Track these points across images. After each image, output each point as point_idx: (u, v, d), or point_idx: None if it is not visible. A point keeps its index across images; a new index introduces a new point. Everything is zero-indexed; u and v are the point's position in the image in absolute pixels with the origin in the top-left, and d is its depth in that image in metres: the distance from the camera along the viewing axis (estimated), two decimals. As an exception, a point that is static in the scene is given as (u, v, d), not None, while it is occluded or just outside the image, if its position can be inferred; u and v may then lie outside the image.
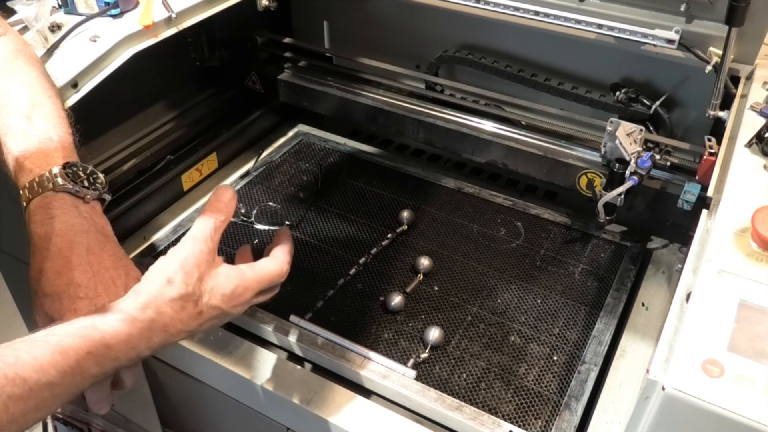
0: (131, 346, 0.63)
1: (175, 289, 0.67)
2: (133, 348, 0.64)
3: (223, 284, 0.71)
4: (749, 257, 0.67)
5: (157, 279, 0.68)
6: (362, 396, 0.88)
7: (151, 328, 0.65)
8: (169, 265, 0.69)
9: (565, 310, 1.00)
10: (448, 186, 1.25)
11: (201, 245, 0.71)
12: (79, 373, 0.59)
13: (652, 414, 0.58)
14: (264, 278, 0.76)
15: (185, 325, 0.68)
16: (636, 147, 1.01)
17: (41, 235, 0.71)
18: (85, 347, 0.60)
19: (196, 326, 0.70)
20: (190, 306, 0.69)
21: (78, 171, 0.75)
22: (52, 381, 0.56)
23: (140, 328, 0.64)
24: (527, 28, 1.10)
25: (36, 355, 0.56)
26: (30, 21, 0.96)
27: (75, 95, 0.91)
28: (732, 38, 0.91)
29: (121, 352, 0.62)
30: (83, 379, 0.59)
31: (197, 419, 1.08)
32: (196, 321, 0.69)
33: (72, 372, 0.58)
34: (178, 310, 0.68)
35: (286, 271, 0.78)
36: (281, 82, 1.34)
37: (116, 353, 0.62)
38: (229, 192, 0.76)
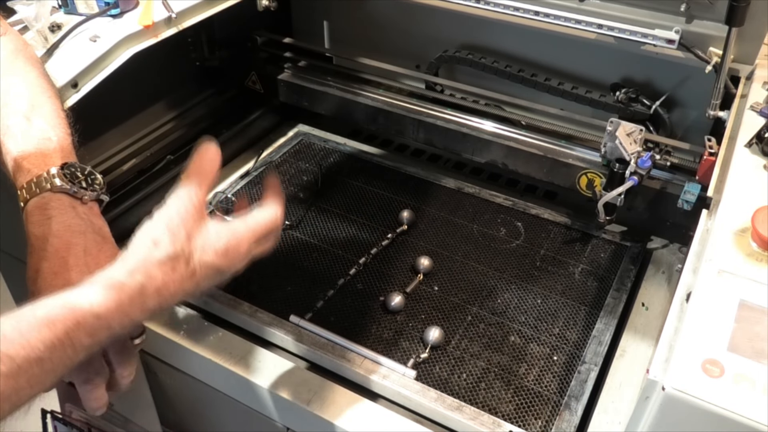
0: (123, 313, 0.61)
1: (163, 250, 0.65)
2: (126, 315, 0.61)
3: (213, 240, 0.68)
4: (749, 257, 0.67)
5: (142, 242, 0.65)
6: (362, 396, 0.88)
7: (142, 293, 0.63)
8: (154, 226, 0.66)
9: (565, 310, 1.00)
10: (448, 186, 1.25)
11: (186, 203, 0.68)
12: (70, 346, 0.57)
13: (652, 414, 0.58)
14: (257, 228, 0.72)
15: (179, 286, 0.65)
16: (636, 147, 1.01)
17: (38, 236, 0.70)
18: (73, 318, 0.58)
19: (191, 286, 0.66)
20: (181, 266, 0.65)
21: (76, 172, 0.75)
22: (41, 356, 0.55)
23: (130, 294, 0.62)
24: (527, 28, 1.10)
25: (22, 330, 0.55)
26: (30, 21, 0.96)
27: (75, 95, 0.91)
28: (732, 38, 0.91)
29: (113, 320, 0.60)
30: (75, 352, 0.58)
31: (197, 419, 1.08)
32: (191, 281, 0.66)
33: (62, 345, 0.56)
34: (168, 272, 0.65)
35: (280, 217, 0.75)
36: (281, 82, 1.34)
37: (108, 321, 0.60)
38: (212, 148, 0.73)
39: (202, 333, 0.96)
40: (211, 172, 0.72)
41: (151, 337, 0.95)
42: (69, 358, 0.57)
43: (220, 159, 0.73)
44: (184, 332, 0.96)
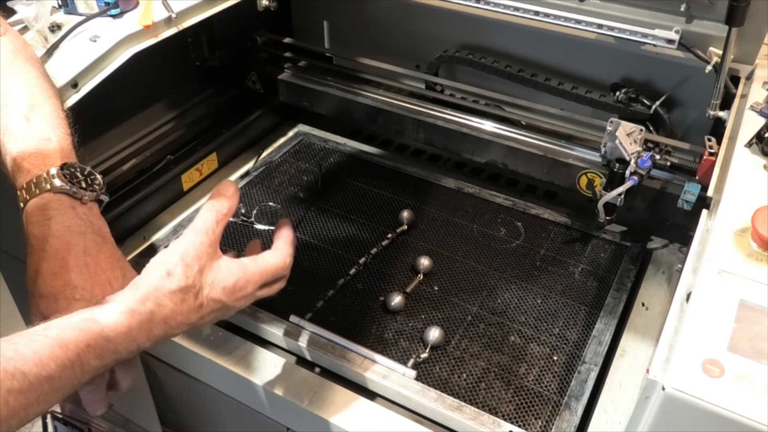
0: (131, 338, 0.63)
1: (175, 281, 0.67)
2: (133, 340, 0.64)
3: (224, 277, 0.71)
4: (749, 257, 0.67)
5: (156, 271, 0.67)
6: (362, 396, 0.88)
7: (151, 321, 0.65)
8: (170, 257, 0.68)
9: (565, 310, 1.00)
10: (448, 186, 1.25)
11: (202, 237, 0.70)
12: (80, 366, 0.59)
13: (652, 414, 0.58)
14: (266, 270, 0.75)
15: (186, 317, 0.68)
16: (636, 147, 1.01)
17: (38, 236, 0.70)
18: (85, 340, 0.59)
19: (197, 319, 0.69)
20: (190, 298, 0.68)
21: (76, 172, 0.75)
22: (52, 374, 0.56)
23: (140, 320, 0.64)
24: (527, 28, 1.10)
25: (35, 348, 0.56)
26: (30, 21, 0.96)
27: (75, 95, 0.91)
28: (732, 38, 0.91)
29: (121, 344, 0.62)
30: (83, 372, 0.59)
31: (197, 419, 1.08)
32: (197, 314, 0.69)
33: (72, 365, 0.58)
34: (178, 303, 0.67)
35: (289, 264, 0.78)
36: (281, 82, 1.34)
37: (116, 345, 0.62)
38: (231, 187, 0.76)
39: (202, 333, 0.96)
40: (229, 209, 0.74)
41: (151, 337, 0.95)
42: (77, 379, 0.59)
43: (238, 197, 0.76)
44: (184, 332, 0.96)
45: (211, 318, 0.72)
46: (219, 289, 0.71)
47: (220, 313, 0.73)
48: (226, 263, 0.72)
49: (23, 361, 0.55)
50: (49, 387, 0.56)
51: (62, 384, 0.57)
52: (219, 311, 0.72)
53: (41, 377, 0.56)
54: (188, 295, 0.68)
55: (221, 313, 0.73)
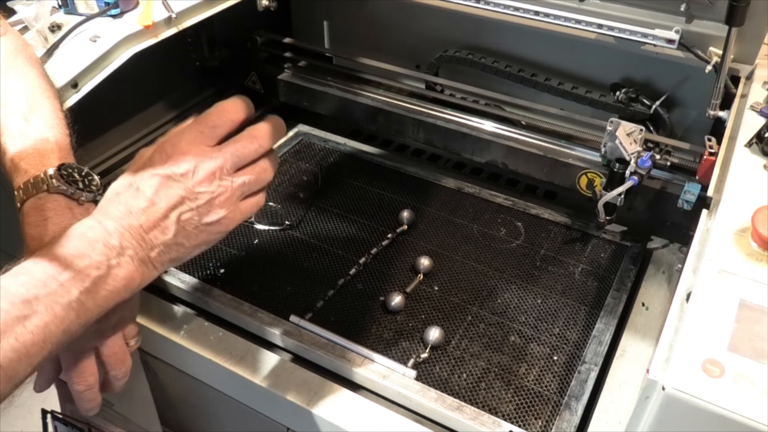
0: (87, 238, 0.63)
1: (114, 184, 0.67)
2: (91, 240, 0.62)
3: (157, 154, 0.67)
4: (749, 257, 0.67)
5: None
6: (362, 396, 0.88)
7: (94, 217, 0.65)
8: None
9: (565, 310, 1.00)
10: (448, 186, 1.25)
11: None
12: (52, 280, 0.58)
13: (653, 414, 0.58)
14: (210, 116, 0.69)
15: (126, 206, 0.64)
16: (636, 147, 1.01)
17: (34, 237, 0.70)
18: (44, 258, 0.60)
19: (142, 204, 0.64)
20: (123, 188, 0.66)
21: (73, 172, 0.75)
22: (25, 297, 0.56)
23: (83, 223, 0.64)
24: (527, 28, 1.10)
25: (1, 284, 0.57)
26: (30, 21, 0.96)
27: (75, 95, 0.91)
28: (732, 38, 0.92)
29: (80, 246, 0.62)
30: (60, 285, 0.58)
31: (197, 419, 1.08)
32: (137, 197, 0.65)
33: (43, 284, 0.58)
34: (113, 198, 0.66)
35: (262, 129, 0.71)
36: (281, 82, 1.34)
37: (76, 249, 0.61)
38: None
39: (202, 333, 0.96)
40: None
41: (151, 337, 0.96)
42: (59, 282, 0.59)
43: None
44: (184, 332, 0.96)
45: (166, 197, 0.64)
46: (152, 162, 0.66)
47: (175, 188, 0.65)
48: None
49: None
50: (28, 309, 0.56)
51: (42, 303, 0.57)
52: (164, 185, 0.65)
53: (14, 302, 0.56)
54: (122, 186, 0.66)
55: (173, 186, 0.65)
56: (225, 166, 0.67)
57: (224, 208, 0.67)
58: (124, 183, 0.66)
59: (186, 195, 0.65)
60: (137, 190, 0.65)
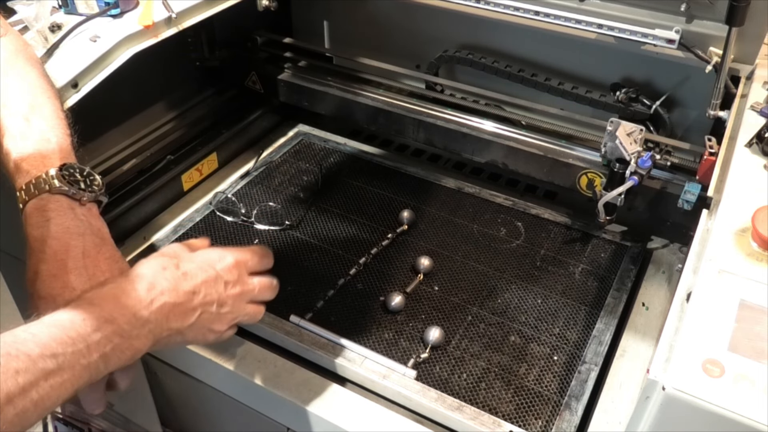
0: (122, 304, 0.65)
1: (155, 259, 0.73)
2: (125, 307, 0.65)
3: (201, 253, 0.77)
4: (749, 257, 0.67)
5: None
6: (362, 396, 0.88)
7: (133, 281, 0.68)
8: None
9: (566, 310, 1.00)
10: (448, 186, 1.25)
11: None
12: (82, 341, 0.60)
13: (653, 414, 0.58)
14: (245, 248, 0.83)
15: (170, 282, 0.70)
16: (636, 147, 1.01)
17: (37, 238, 0.70)
18: (80, 314, 0.62)
19: (188, 288, 0.72)
20: (170, 266, 0.71)
21: (75, 173, 0.75)
22: (54, 352, 0.57)
23: (124, 287, 0.67)
24: (527, 28, 1.10)
25: (33, 331, 0.58)
26: (30, 21, 0.96)
27: (75, 95, 0.91)
28: (732, 38, 0.91)
29: (114, 311, 0.64)
30: (89, 348, 0.60)
31: (197, 419, 1.08)
32: (184, 281, 0.71)
33: (72, 341, 0.59)
34: (158, 269, 0.70)
35: (270, 257, 0.86)
36: (281, 82, 1.34)
37: (110, 313, 0.64)
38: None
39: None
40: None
41: (151, 337, 0.95)
42: (84, 356, 0.61)
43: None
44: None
45: (207, 293, 0.74)
46: (198, 259, 0.75)
47: (215, 288, 0.75)
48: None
49: (23, 342, 0.57)
50: (53, 364, 0.57)
51: (67, 361, 0.58)
52: (210, 282, 0.74)
53: (44, 355, 0.57)
54: (168, 263, 0.72)
55: (215, 286, 0.75)
56: (250, 295, 0.82)
57: (227, 325, 0.79)
58: (171, 263, 0.73)
59: (219, 300, 0.75)
60: (185, 275, 0.72)
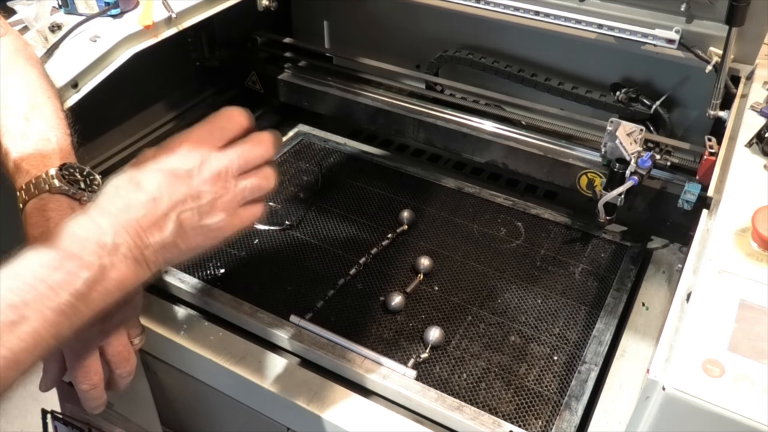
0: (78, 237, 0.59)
1: (108, 183, 0.65)
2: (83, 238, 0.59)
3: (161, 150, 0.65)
4: (749, 257, 0.67)
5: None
6: (362, 396, 0.88)
7: (86, 212, 0.62)
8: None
9: (566, 310, 1.00)
10: (448, 186, 1.25)
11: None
12: (40, 283, 0.55)
13: (653, 414, 0.58)
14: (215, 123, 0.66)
15: (124, 200, 0.62)
16: (636, 147, 1.01)
17: (37, 238, 0.70)
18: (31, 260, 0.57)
19: (143, 198, 0.62)
20: (122, 184, 0.63)
21: (75, 172, 0.75)
22: (12, 302, 0.53)
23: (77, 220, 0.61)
24: (527, 28, 1.10)
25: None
26: (30, 21, 0.96)
27: (75, 95, 0.91)
28: (732, 38, 0.92)
29: (71, 245, 0.58)
30: (49, 288, 0.55)
31: (197, 419, 1.08)
32: (138, 191, 0.62)
33: (31, 287, 0.55)
34: (111, 191, 0.63)
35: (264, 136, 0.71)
36: (281, 82, 1.34)
37: (66, 248, 0.58)
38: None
39: (202, 333, 0.96)
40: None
41: (151, 337, 0.95)
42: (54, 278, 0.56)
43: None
44: (184, 332, 0.96)
45: (171, 192, 0.62)
46: (155, 159, 0.64)
47: (179, 186, 0.63)
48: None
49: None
50: (15, 314, 0.53)
51: (31, 308, 0.54)
52: (170, 181, 0.62)
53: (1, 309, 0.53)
54: (120, 182, 0.63)
55: (177, 184, 0.63)
56: (231, 168, 0.65)
57: (225, 212, 0.65)
58: (125, 178, 0.64)
59: (189, 193, 0.63)
60: (138, 185, 0.62)
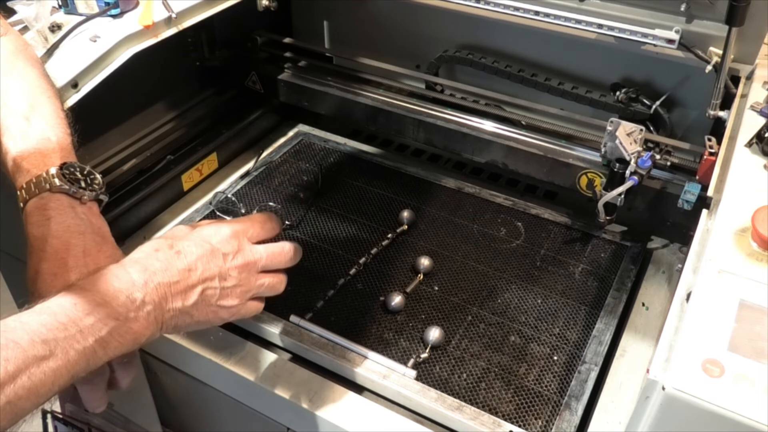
0: (116, 289, 0.64)
1: (149, 243, 0.71)
2: (118, 291, 0.64)
3: (198, 230, 0.74)
4: (749, 257, 0.67)
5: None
6: (362, 396, 0.88)
7: (124, 266, 0.66)
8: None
9: (566, 310, 1.00)
10: (448, 186, 1.25)
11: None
12: (74, 326, 0.59)
13: (653, 414, 0.58)
14: (250, 219, 0.79)
15: (163, 263, 0.68)
16: (636, 147, 1.01)
17: (38, 237, 0.70)
18: (70, 300, 0.60)
19: (183, 267, 0.69)
20: (163, 247, 0.70)
21: (75, 172, 0.75)
22: (45, 338, 0.56)
23: (116, 273, 0.65)
24: (527, 28, 1.10)
25: (22, 320, 0.57)
26: (30, 21, 0.96)
27: (75, 95, 0.91)
28: (732, 38, 0.91)
29: (107, 295, 0.63)
30: (83, 334, 0.59)
31: (197, 419, 1.08)
32: (177, 259, 0.69)
33: (64, 327, 0.58)
34: (150, 252, 0.69)
35: (289, 247, 0.81)
36: (281, 82, 1.34)
37: (103, 297, 0.62)
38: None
39: (202, 333, 0.96)
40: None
41: (151, 337, 0.95)
42: (78, 341, 0.59)
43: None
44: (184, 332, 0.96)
45: (205, 268, 0.70)
46: (194, 235, 0.73)
47: (213, 263, 0.71)
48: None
49: (12, 330, 0.56)
50: (44, 350, 0.56)
51: (60, 346, 0.57)
52: (207, 257, 0.71)
53: (33, 341, 0.56)
54: (161, 245, 0.70)
55: (213, 260, 0.71)
56: (259, 263, 0.77)
57: (239, 299, 0.74)
58: (165, 243, 0.70)
59: (219, 273, 0.72)
60: (178, 253, 0.69)
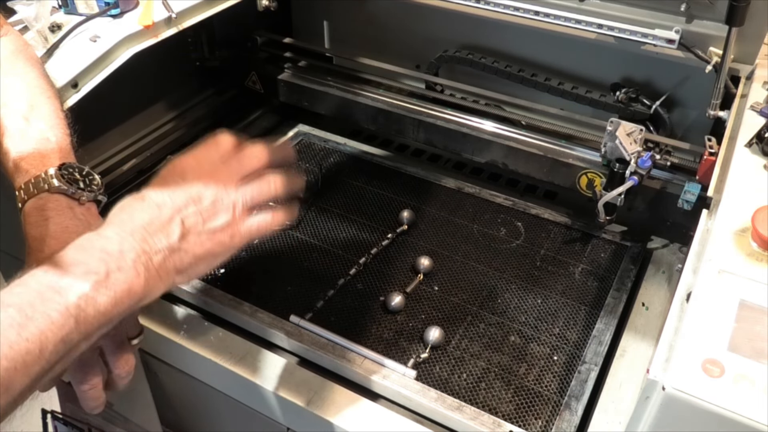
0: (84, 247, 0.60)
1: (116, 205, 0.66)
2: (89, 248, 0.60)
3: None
4: (749, 257, 0.67)
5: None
6: (362, 396, 0.88)
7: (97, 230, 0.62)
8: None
9: (566, 310, 1.00)
10: (448, 186, 1.25)
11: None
12: (47, 289, 0.56)
13: (653, 414, 0.58)
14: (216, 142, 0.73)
15: (128, 212, 0.63)
16: (636, 147, 1.01)
17: (36, 237, 0.70)
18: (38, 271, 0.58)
19: (148, 207, 0.64)
20: (127, 200, 0.65)
21: (74, 172, 0.75)
22: (20, 305, 0.54)
23: (87, 236, 0.62)
24: (527, 28, 1.10)
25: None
26: (30, 21, 0.96)
27: (75, 95, 0.91)
28: (732, 38, 0.92)
29: (77, 255, 0.59)
30: (57, 292, 0.56)
31: (197, 419, 1.08)
32: (142, 202, 0.64)
33: (39, 293, 0.55)
34: (116, 211, 0.64)
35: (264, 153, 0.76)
36: (281, 82, 1.34)
37: (73, 257, 0.59)
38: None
39: (202, 333, 0.96)
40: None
41: (151, 337, 0.96)
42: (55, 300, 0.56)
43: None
44: (184, 332, 0.96)
45: (173, 198, 0.65)
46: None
47: (181, 194, 0.65)
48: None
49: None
50: (21, 317, 0.53)
51: (38, 311, 0.54)
52: (172, 190, 0.65)
53: (6, 311, 0.53)
54: (125, 201, 0.65)
55: (180, 193, 0.65)
56: (232, 172, 0.71)
57: (227, 213, 0.67)
58: (130, 197, 0.66)
59: (191, 197, 0.66)
60: (143, 198, 0.65)
